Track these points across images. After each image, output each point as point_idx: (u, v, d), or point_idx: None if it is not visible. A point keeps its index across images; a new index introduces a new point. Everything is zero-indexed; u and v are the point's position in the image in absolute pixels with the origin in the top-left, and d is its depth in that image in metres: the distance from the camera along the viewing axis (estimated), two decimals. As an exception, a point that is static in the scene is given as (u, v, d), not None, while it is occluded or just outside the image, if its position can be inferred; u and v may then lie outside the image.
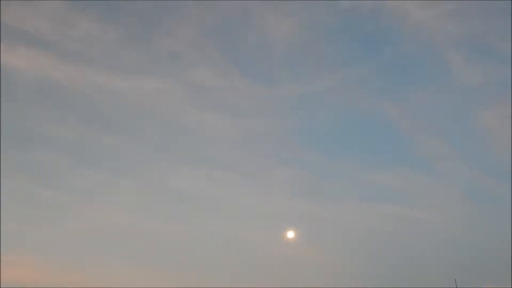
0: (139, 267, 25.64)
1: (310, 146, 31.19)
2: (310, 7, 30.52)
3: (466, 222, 26.15)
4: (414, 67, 31.78)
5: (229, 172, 29.41)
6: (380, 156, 30.18)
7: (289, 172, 29.93)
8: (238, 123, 31.75)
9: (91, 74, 29.70)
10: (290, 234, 26.03)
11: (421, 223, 26.32)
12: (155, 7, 30.62)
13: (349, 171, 29.08)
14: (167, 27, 31.02)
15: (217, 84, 31.12)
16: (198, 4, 30.58)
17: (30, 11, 28.94)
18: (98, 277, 24.56)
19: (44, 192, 27.84)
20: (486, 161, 28.62)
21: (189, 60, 30.60)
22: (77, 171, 29.20)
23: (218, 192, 28.74)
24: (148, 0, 29.98)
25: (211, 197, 28.67)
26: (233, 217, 27.65)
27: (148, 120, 30.78)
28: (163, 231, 27.40)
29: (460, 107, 30.18)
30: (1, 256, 23.27)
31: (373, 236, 26.34)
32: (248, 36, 31.48)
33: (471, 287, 19.97)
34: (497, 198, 25.40)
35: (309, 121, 31.25)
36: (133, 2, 29.92)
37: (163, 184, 29.93)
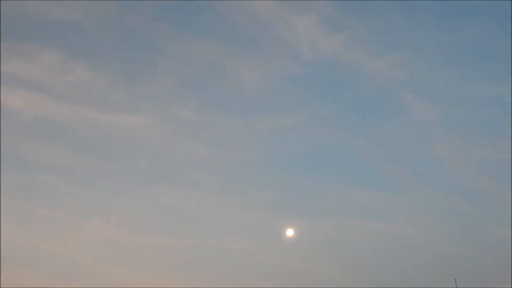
0: (135, 275, 28.52)
1: (285, 170, 36.06)
2: (276, 59, 35.80)
3: (433, 233, 30.79)
4: (372, 106, 36.97)
5: (211, 192, 33.68)
6: (350, 180, 35.26)
7: (267, 192, 34.05)
8: (217, 151, 37.15)
9: (83, 112, 34.26)
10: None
11: (393, 235, 30.86)
12: (140, 57, 35.73)
13: (323, 192, 33.46)
14: (151, 73, 36.19)
15: (197, 120, 36.01)
16: (177, 55, 36.14)
17: (29, 61, 33.43)
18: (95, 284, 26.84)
19: (42, 210, 30.78)
20: (442, 182, 34.41)
21: (171, 101, 35.72)
22: (73, 191, 33.56)
23: (202, 209, 32.72)
24: (133, 51, 35.01)
25: (195, 213, 32.76)
26: (215, 230, 31.09)
27: (136, 150, 35.70)
28: (155, 243, 31.07)
29: (416, 139, 35.73)
30: (2, 266, 25.17)
31: (353, 248, 30.29)
32: (223, 82, 36.77)
33: (472, 287, 21.55)
34: (455, 211, 30.91)
35: (283, 149, 35.89)
36: (120, 52, 34.82)
37: (154, 202, 34.67)
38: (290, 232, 26.96)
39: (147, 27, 38.26)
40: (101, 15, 36.83)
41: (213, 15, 37.62)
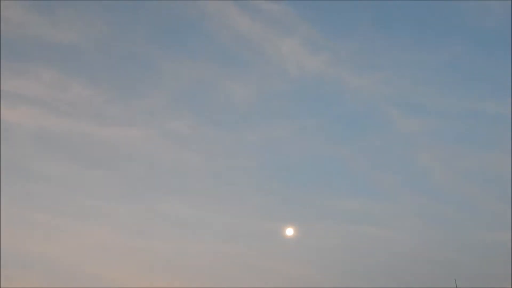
0: (132, 279, 29.42)
1: (276, 178, 37.89)
2: (264, 77, 37.95)
3: (421, 237, 32.15)
4: (358, 119, 38.93)
5: (206, 200, 35.82)
6: (342, 187, 37.85)
7: (261, 199, 36.15)
8: (211, 162, 38.10)
9: (81, 125, 36.49)
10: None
11: (384, 239, 32.15)
12: (135, 75, 37.39)
13: (314, 199, 36.13)
14: (145, 90, 38.25)
15: (190, 133, 37.69)
16: (170, 73, 38.23)
17: (29, 80, 35.24)
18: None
19: (41, 216, 32.05)
20: (429, 190, 36.03)
21: (165, 115, 37.52)
22: (71, 199, 34.04)
23: (198, 215, 34.36)
24: (128, 70, 36.50)
25: (191, 219, 35.30)
26: (209, 234, 32.65)
27: (132, 161, 37.42)
28: (152, 248, 33.23)
29: (401, 150, 38.53)
30: (2, 270, 25.79)
31: (345, 251, 31.64)
32: (214, 98, 39.25)
33: (472, 287, 22.06)
34: (442, 216, 32.13)
35: (273, 160, 37.41)
36: (116, 71, 36.43)
37: (150, 209, 35.57)
38: (289, 232, 27.93)
39: (141, 48, 40.39)
40: (96, 37, 38.94)
41: (203, 37, 39.91)
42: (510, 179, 34.73)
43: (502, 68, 38.96)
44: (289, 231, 31.21)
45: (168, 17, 41.00)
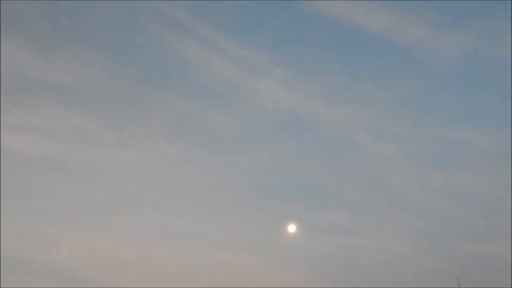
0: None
1: (263, 195, 40.37)
2: (244, 110, 41.52)
3: (402, 247, 34.79)
4: (334, 145, 43.57)
5: (199, 212, 37.30)
6: (324, 203, 40.05)
7: (250, 211, 38.17)
8: (202, 180, 40.80)
9: (79, 150, 37.66)
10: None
11: (369, 250, 34.59)
12: (127, 108, 40.59)
13: (302, 213, 38.07)
14: (137, 120, 41.75)
15: (181, 155, 41.06)
16: (159, 107, 42.50)
17: (29, 111, 37.90)
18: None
19: (41, 227, 33.54)
20: (405, 207, 39.92)
21: (157, 141, 40.11)
22: (69, 212, 35.11)
23: (193, 227, 35.42)
24: (121, 103, 39.21)
25: (187, 231, 36.10)
26: (206, 243, 34.22)
27: (127, 180, 38.68)
28: (149, 258, 34.19)
29: (376, 171, 41.67)
30: (2, 275, 26.73)
31: (333, 260, 34.11)
32: (201, 128, 42.95)
33: (474, 287, 22.89)
34: (418, 229, 33.70)
35: (260, 178, 40.94)
36: (111, 104, 39.09)
37: (146, 222, 36.88)
38: (291, 229, 29.57)
39: (132, 87, 43.01)
40: (92, 77, 41.50)
41: (188, 79, 43.01)
42: (477, 194, 38.32)
43: (460, 99, 43.52)
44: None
45: (157, 61, 43.79)
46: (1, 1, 32.19)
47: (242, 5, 41.21)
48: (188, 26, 41.73)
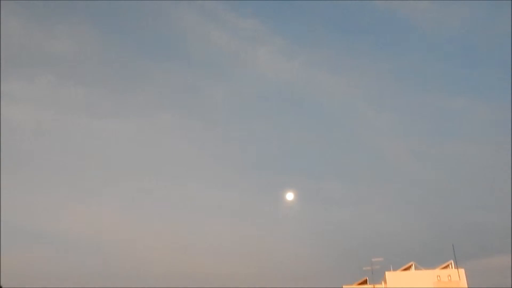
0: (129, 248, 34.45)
1: (261, 165, 42.39)
2: (244, 80, 43.06)
3: (399, 216, 37.21)
4: (331, 117, 43.01)
5: (197, 182, 39.96)
6: (321, 172, 41.33)
7: (248, 180, 41.08)
8: (200, 150, 42.07)
9: (78, 119, 39.20)
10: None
11: (365, 219, 37.18)
12: (125, 77, 41.44)
13: (299, 182, 39.27)
14: (135, 89, 41.84)
15: (179, 124, 41.50)
16: (159, 75, 41.31)
17: (28, 82, 39.35)
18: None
19: (42, 197, 35.54)
20: (399, 176, 40.54)
21: (157, 111, 41.19)
22: (69, 182, 36.05)
23: (192, 195, 38.81)
24: (118, 73, 40.30)
25: (185, 201, 39.04)
26: (205, 212, 37.60)
27: (128, 151, 41.11)
28: (149, 224, 36.69)
29: (372, 141, 41.39)
30: (11, 246, 28.07)
31: (326, 230, 36.87)
32: (199, 98, 42.69)
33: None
34: (413, 198, 36.90)
35: (256, 149, 42.28)
36: (108, 73, 39.55)
37: (147, 189, 38.31)
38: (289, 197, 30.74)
39: (130, 56, 42.75)
40: (89, 47, 41.64)
41: (186, 49, 42.98)
42: (474, 164, 38.67)
43: (458, 70, 43.25)
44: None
45: (155, 31, 43.54)
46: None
47: (241, -25, 40.38)
48: (186, -4, 40.88)
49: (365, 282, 20.48)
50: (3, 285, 24.96)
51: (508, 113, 36.50)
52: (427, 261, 19.73)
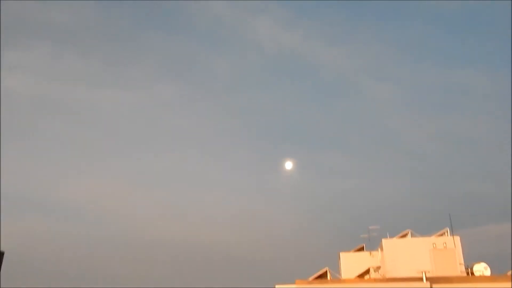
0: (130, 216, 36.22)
1: (263, 137, 42.54)
2: (244, 51, 44.60)
3: (398, 188, 39.05)
4: (332, 88, 44.11)
5: (197, 153, 39.55)
6: (320, 144, 41.96)
7: (249, 152, 40.16)
8: (200, 121, 42.25)
9: (77, 90, 40.31)
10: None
11: (365, 191, 38.67)
12: (127, 45, 42.24)
13: (298, 153, 39.61)
14: (136, 60, 42.36)
15: (181, 99, 42.02)
16: (157, 46, 42.39)
17: (26, 53, 40.48)
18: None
19: (42, 167, 36.41)
20: (399, 148, 41.46)
21: (156, 83, 41.74)
22: (68, 153, 36.34)
23: (192, 167, 40.90)
24: (116, 43, 40.92)
25: (188, 171, 37.04)
26: (205, 183, 39.15)
27: (127, 122, 41.15)
28: (149, 197, 36.17)
29: (372, 113, 43.35)
30: (19, 215, 28.76)
31: (324, 200, 38.88)
32: (197, 70, 42.71)
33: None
34: (412, 170, 37.62)
35: (257, 121, 43.84)
36: (106, 43, 40.05)
37: (147, 162, 38.73)
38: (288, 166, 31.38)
39: (130, 27, 41.93)
40: (88, 17, 40.82)
41: (184, 19, 42.26)
42: (471, 138, 38.94)
43: (461, 43, 42.64)
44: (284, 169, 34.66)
45: (155, 2, 42.65)
46: None
47: None
48: (185, -34, 39.90)
49: (362, 249, 20.78)
50: (3, 284, 25.74)
51: (508, 85, 36.23)
52: (424, 229, 19.97)
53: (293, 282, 17.32)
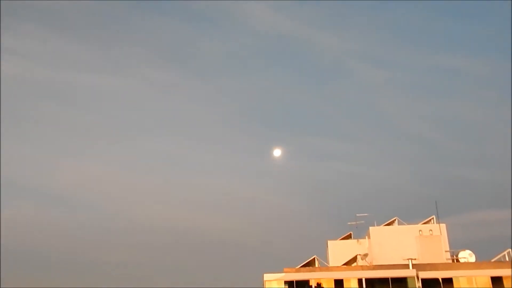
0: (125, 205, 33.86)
1: (254, 121, 41.98)
2: (235, 34, 43.27)
3: (388, 172, 38.21)
4: (324, 72, 42.79)
5: (187, 138, 39.29)
6: (312, 128, 41.68)
7: (239, 137, 40.06)
8: (190, 106, 41.57)
9: (70, 75, 38.84)
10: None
11: (354, 175, 38.11)
12: (114, 31, 41.47)
13: (287, 137, 39.48)
14: (127, 43, 42.04)
15: (171, 82, 40.79)
16: (148, 29, 41.59)
17: (17, 37, 40.32)
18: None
19: (37, 153, 36.90)
20: (391, 132, 40.74)
21: (147, 66, 40.96)
22: (63, 139, 36.11)
23: (182, 152, 39.70)
24: (106, 26, 40.42)
25: (178, 155, 40.14)
26: (195, 168, 39.13)
27: (119, 107, 40.69)
28: (142, 181, 36.02)
29: (363, 97, 42.61)
30: (4, 200, 28.85)
31: (318, 184, 38.37)
32: (188, 50, 41.73)
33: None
34: (403, 154, 37.48)
35: (247, 105, 42.99)
36: (101, 23, 39.84)
37: (139, 147, 37.98)
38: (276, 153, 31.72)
39: (122, 10, 40.99)
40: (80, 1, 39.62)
41: (176, 0, 41.17)
42: (463, 121, 39.04)
43: (456, 27, 42.44)
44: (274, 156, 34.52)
45: None
46: None
47: None
48: None
49: (349, 237, 20.93)
50: (3, 284, 25.69)
51: (506, 70, 36.24)
52: (411, 216, 20.19)
53: (281, 270, 17.40)
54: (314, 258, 19.28)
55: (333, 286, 16.59)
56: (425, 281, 16.34)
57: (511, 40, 36.01)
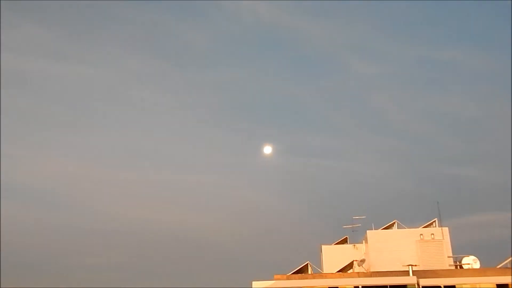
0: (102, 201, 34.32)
1: (239, 115, 41.22)
2: (220, 22, 40.65)
3: (379, 169, 36.03)
4: (314, 64, 40.46)
5: (164, 132, 39.04)
6: (302, 123, 40.58)
7: (223, 132, 38.80)
8: (169, 97, 40.44)
9: (41, 64, 37.11)
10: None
11: (344, 172, 35.75)
12: (93, 15, 38.28)
13: (276, 133, 37.64)
14: (103, 30, 39.19)
15: (149, 72, 38.28)
16: (126, 16, 39.86)
17: None
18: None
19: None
20: (385, 128, 38.79)
21: (123, 55, 37.93)
22: (29, 131, 34.95)
23: (158, 146, 37.12)
24: (82, 13, 37.66)
25: (154, 150, 37.43)
26: (172, 163, 36.44)
27: (92, 98, 39.82)
28: (116, 176, 34.89)
29: (356, 91, 41.01)
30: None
31: (303, 183, 35.53)
32: (170, 40, 39.05)
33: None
34: (396, 151, 35.50)
35: (231, 98, 39.57)
36: (72, 13, 37.49)
37: (112, 140, 37.18)
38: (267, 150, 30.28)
39: None
40: None
41: None
42: (460, 117, 38.03)
43: (450, 19, 41.43)
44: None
45: None
46: None
47: None
48: None
49: (345, 241, 19.75)
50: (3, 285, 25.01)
51: (504, 64, 35.12)
52: (411, 218, 19.01)
53: (271, 277, 16.19)
54: (307, 264, 18.11)
55: (328, 295, 15.43)
56: (426, 289, 15.21)
57: (510, 33, 34.78)
